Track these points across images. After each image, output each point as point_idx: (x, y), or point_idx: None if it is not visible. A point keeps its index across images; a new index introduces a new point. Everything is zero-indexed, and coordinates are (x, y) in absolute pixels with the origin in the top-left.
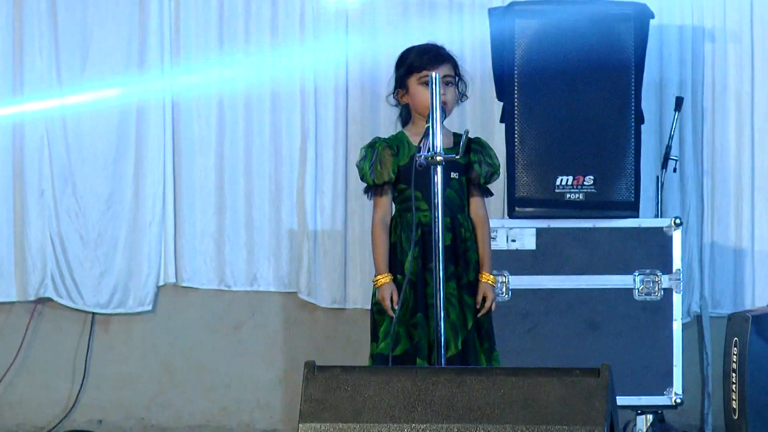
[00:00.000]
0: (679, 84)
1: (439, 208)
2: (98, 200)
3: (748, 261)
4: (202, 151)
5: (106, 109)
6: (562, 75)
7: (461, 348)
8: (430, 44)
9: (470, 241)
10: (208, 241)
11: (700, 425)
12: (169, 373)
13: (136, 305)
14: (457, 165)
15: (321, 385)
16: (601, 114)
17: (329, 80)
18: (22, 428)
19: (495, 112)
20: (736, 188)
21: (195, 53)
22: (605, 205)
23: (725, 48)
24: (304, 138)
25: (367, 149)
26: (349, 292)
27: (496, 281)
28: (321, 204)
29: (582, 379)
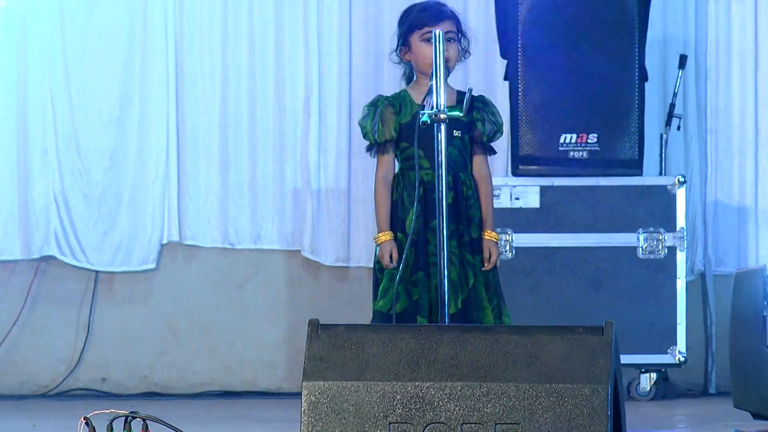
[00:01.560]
0: (682, 42)
1: (443, 167)
2: (102, 158)
3: (752, 219)
4: (206, 109)
5: (109, 67)
6: (566, 32)
7: (462, 306)
8: (431, 1)
9: (472, 199)
10: (212, 199)
11: (704, 384)
12: (173, 331)
13: (139, 263)
14: (460, 123)
15: (324, 344)
16: (605, 71)
17: (332, 38)
18: (26, 387)
19: (498, 69)
20: (739, 146)
21: (198, 9)
22: (609, 163)
23: (729, 5)
24: (308, 96)
25: (370, 107)
26: (353, 250)
27: (499, 239)
28: (324, 162)
29: (585, 338)
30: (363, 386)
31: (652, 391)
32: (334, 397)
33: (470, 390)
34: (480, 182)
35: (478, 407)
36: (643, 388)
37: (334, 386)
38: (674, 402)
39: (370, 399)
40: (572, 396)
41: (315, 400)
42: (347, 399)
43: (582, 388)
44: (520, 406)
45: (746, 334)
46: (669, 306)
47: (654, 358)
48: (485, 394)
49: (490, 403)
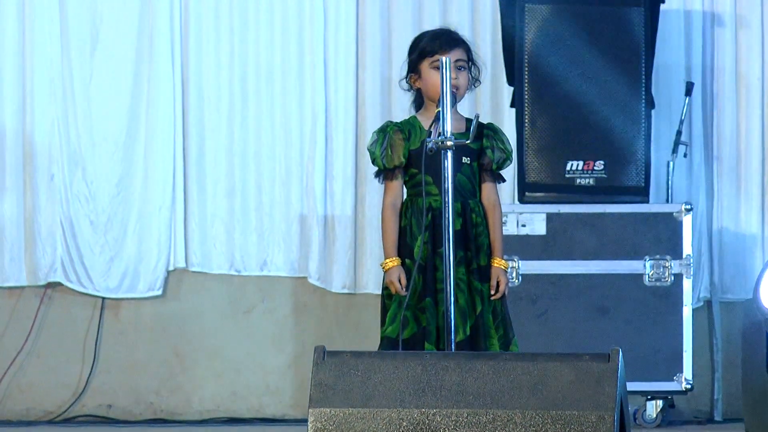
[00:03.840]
0: (689, 69)
1: (450, 193)
2: (108, 184)
3: (758, 246)
4: (213, 136)
5: (116, 94)
6: (572, 60)
7: (470, 333)
8: (443, 29)
9: (481, 227)
10: (218, 225)
11: (710, 411)
12: (179, 357)
13: (145, 290)
14: (469, 150)
15: (331, 370)
16: (612, 99)
17: (340, 63)
18: (32, 413)
19: (505, 97)
20: (745, 173)
21: (205, 37)
22: (615, 191)
23: (735, 33)
24: (314, 121)
25: (379, 133)
26: (360, 277)
27: (508, 266)
28: (331, 188)
29: (592, 365)
30: (369, 413)
31: (658, 419)
32: (340, 424)
33: (476, 417)
34: (489, 209)
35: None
36: (649, 415)
37: (340, 413)
38: (680, 429)
39: (377, 426)
40: (578, 423)
41: (321, 427)
42: (353, 426)
43: (588, 415)
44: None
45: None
46: (675, 333)
47: (660, 386)
48: (491, 421)
49: (497, 430)
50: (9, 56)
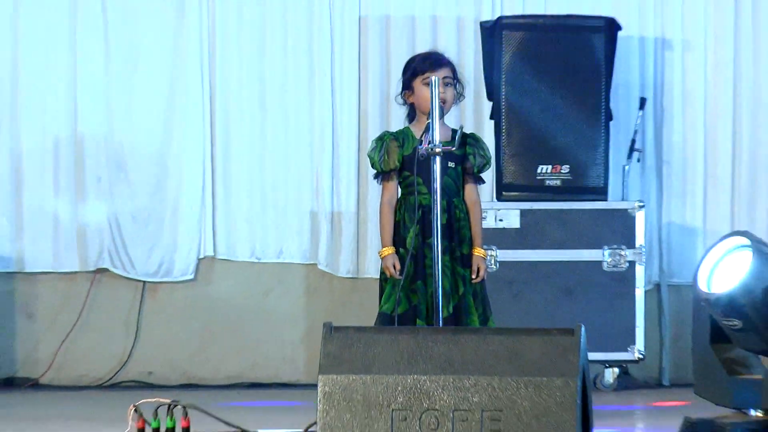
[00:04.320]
0: (642, 86)
1: (437, 192)
2: (147, 185)
3: (701, 237)
4: (236, 144)
5: (153, 108)
6: (542, 78)
7: (453, 312)
8: (432, 51)
9: (464, 221)
10: (241, 220)
11: (659, 377)
12: (208, 332)
13: (179, 275)
14: (454, 156)
15: (337, 343)
16: (576, 112)
17: (344, 82)
18: (84, 380)
19: (486, 110)
20: (690, 176)
21: (230, 60)
22: (579, 190)
23: (683, 55)
24: (322, 131)
25: (377, 141)
26: (362, 263)
27: (486, 255)
28: (337, 189)
29: (559, 338)
30: (370, 379)
31: (614, 384)
32: (345, 388)
33: (460, 382)
34: (471, 207)
35: (467, 397)
36: (607, 380)
37: (345, 379)
38: (634, 393)
39: (376, 390)
40: (547, 387)
41: (329, 390)
42: (356, 390)
43: (555, 381)
44: (503, 396)
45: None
46: (629, 311)
47: (616, 356)
48: (473, 385)
49: (477, 394)
50: (61, 77)
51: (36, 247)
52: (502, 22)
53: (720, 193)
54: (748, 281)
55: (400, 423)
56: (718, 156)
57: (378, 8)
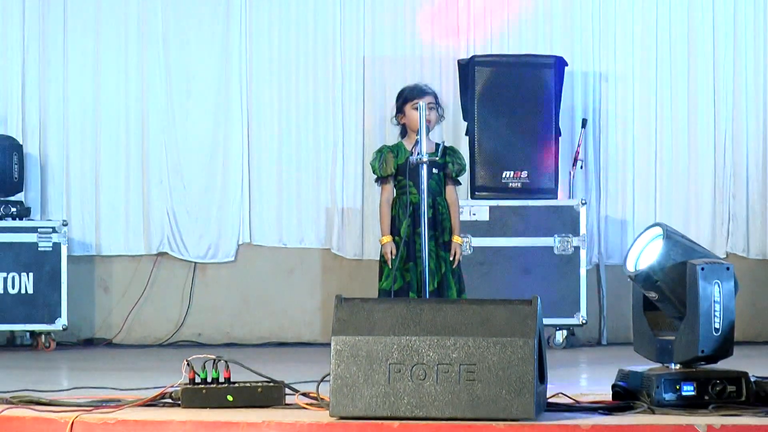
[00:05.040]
0: (584, 110)
1: (425, 193)
2: (198, 186)
3: (630, 228)
4: (267, 153)
5: (203, 126)
6: (506, 104)
7: (436, 287)
8: (418, 83)
9: (445, 215)
10: (271, 214)
11: (598, 338)
12: (245, 303)
13: (223, 257)
14: (437, 164)
15: (346, 311)
16: (533, 129)
17: (351, 107)
18: (147, 340)
19: (462, 128)
20: (622, 180)
21: (263, 87)
22: (535, 191)
23: (616, 84)
24: (335, 145)
25: (377, 153)
26: (366, 247)
27: (463, 241)
28: (347, 189)
29: (520, 307)
30: (372, 339)
31: (563, 343)
32: (352, 346)
33: (442, 341)
34: (450, 203)
35: (448, 353)
36: (557, 341)
37: (352, 339)
38: (579, 350)
39: (377, 348)
40: (511, 346)
41: (340, 348)
42: (361, 348)
43: (517, 341)
44: (476, 352)
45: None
46: (575, 286)
47: (565, 321)
48: (453, 344)
49: (456, 351)
50: (132, 98)
51: (111, 235)
52: (475, 60)
53: (645, 192)
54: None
55: (395, 374)
56: (644, 164)
57: (377, 50)
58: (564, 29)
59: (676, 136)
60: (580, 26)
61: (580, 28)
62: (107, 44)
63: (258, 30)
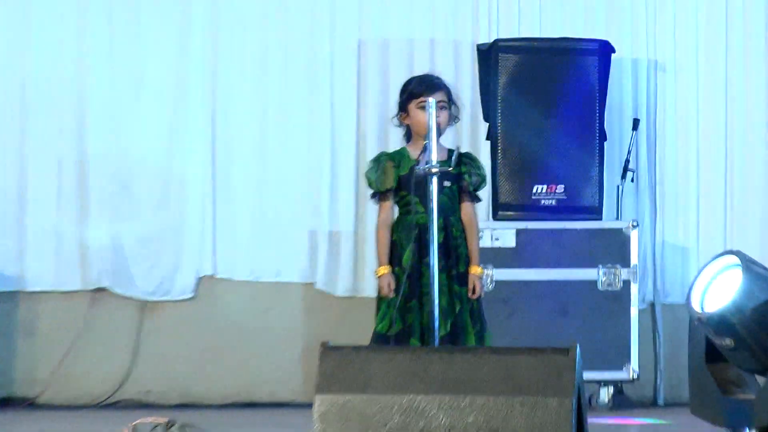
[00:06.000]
0: (635, 108)
1: (434, 211)
2: (150, 205)
3: (694, 257)
4: (238, 164)
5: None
6: (537, 100)
7: (450, 330)
8: (427, 75)
9: (460, 239)
10: (241, 239)
11: (654, 396)
12: (207, 352)
13: (179, 294)
14: (450, 175)
15: (334, 362)
16: (571, 133)
17: (344, 103)
18: (81, 399)
19: (482, 131)
20: (684, 195)
21: (233, 83)
22: (574, 210)
23: (675, 77)
24: (322, 152)
25: (374, 162)
26: (359, 283)
27: (483, 273)
28: (335, 208)
29: (554, 357)
30: (366, 398)
31: (609, 403)
32: (341, 407)
33: (456, 402)
34: (467, 225)
35: (462, 417)
36: (602, 400)
37: (341, 398)
38: (628, 411)
39: (372, 410)
40: (542, 407)
41: (325, 410)
42: (353, 409)
43: (550, 401)
44: (498, 416)
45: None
46: (624, 330)
47: (611, 375)
48: (469, 405)
49: (473, 414)
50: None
51: (38, 266)
52: (498, 45)
53: (713, 212)
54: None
55: None
56: (710, 175)
57: (377, 32)
58: (610, 6)
59: (751, 142)
60: (630, 2)
61: (630, 4)
62: (35, 28)
63: (226, 9)
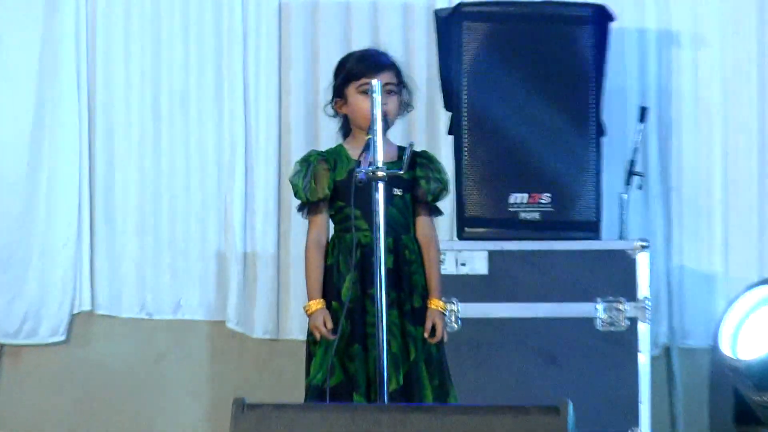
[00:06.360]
0: (643, 93)
1: (381, 228)
2: (8, 219)
3: (721, 287)
4: (122, 164)
5: (15, 120)
6: (515, 83)
7: (403, 383)
8: (370, 49)
9: (416, 264)
10: (128, 263)
11: None
12: (85, 409)
13: (48, 335)
14: (401, 181)
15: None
16: (559, 125)
17: (261, 86)
18: None
19: (442, 123)
20: (707, 206)
21: (114, 57)
22: (564, 226)
23: (695, 54)
24: (233, 150)
25: (302, 163)
26: (283, 321)
27: (446, 308)
28: (251, 223)
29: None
30: None
31: None
32: None
33: None
34: (425, 246)
35: None
36: None
37: None
38: None
39: None
40: None
41: None
42: None
43: None
44: None
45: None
46: (631, 383)
47: None
48: None
49: None
50: None
51: None
52: (463, 11)
53: (744, 228)
54: None
55: None
56: (740, 181)
57: None
58: None
59: None
60: None
61: None
62: None
63: None
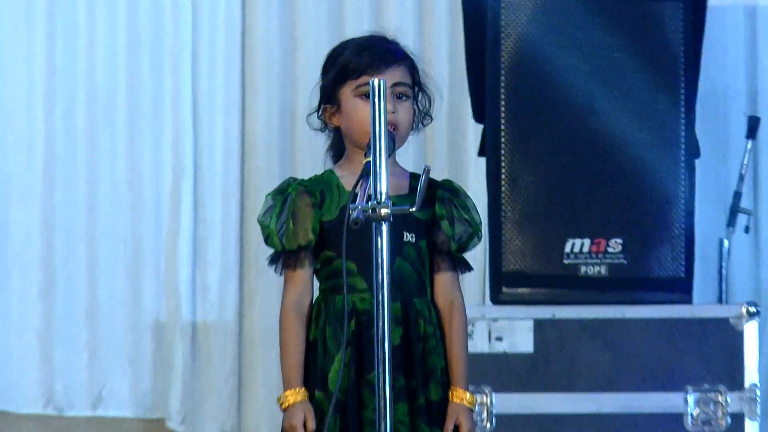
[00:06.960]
0: (752, 96)
1: (385, 289)
2: None
3: None
4: (20, 197)
5: None
6: (573, 87)
7: None
8: (373, 36)
9: (433, 340)
10: (29, 337)
11: None
12: None
13: None
14: (414, 222)
15: None
16: (635, 143)
17: (217, 87)
18: None
19: (471, 140)
20: None
21: (10, 46)
22: (640, 284)
23: None
24: (178, 177)
25: (275, 196)
26: (246, 418)
27: (474, 402)
28: (203, 282)
29: None
30: None
31: None
32: None
33: None
34: (446, 313)
35: None
36: None
37: None
38: None
39: None
40: None
41: None
42: None
43: None
44: None
45: None
46: None
47: None
48: None
49: None
50: None
51: None
52: None
53: None
54: None
55: None
56: None
57: None
58: None
59: None
60: None
61: None
62: None
63: None
